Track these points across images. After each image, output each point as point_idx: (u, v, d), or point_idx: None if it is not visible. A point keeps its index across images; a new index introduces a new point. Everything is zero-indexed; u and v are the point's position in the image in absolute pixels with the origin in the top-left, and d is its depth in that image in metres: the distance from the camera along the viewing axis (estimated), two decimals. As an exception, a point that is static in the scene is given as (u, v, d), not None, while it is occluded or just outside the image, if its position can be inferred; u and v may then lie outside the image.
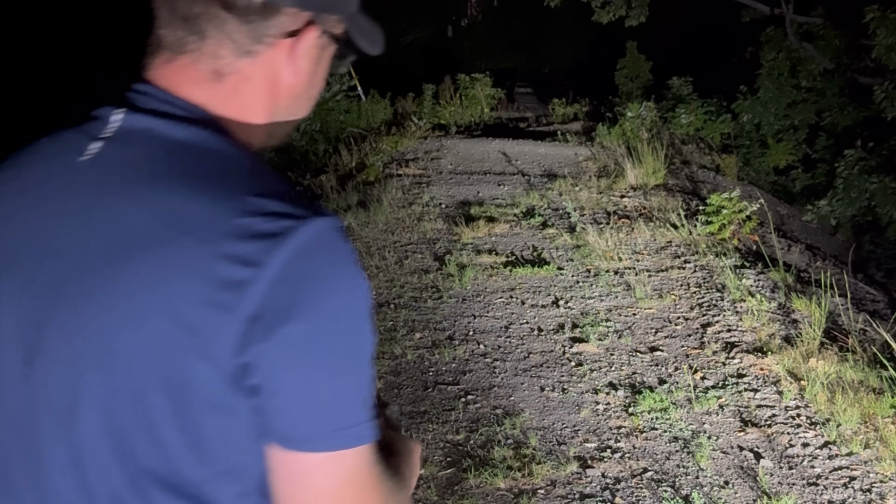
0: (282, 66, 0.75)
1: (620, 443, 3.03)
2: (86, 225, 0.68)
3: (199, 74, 0.73)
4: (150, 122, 0.72)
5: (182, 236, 0.65)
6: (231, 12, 0.70)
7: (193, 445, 0.66)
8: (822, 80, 10.73)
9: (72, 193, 0.70)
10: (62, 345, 0.67)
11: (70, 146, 0.73)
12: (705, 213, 5.57)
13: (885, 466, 2.77)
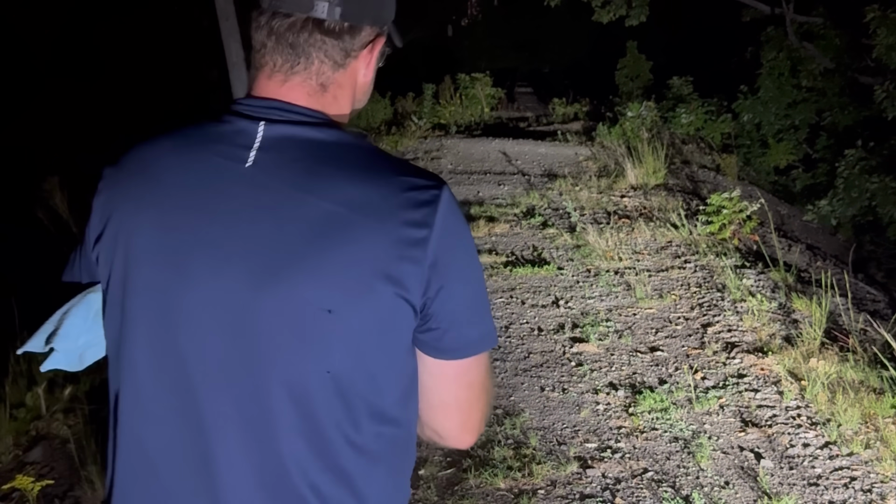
0: (360, 70, 0.97)
1: (621, 443, 3.03)
2: (279, 218, 0.86)
3: (310, 88, 0.93)
4: (288, 129, 0.90)
5: (368, 216, 0.85)
6: (329, 36, 0.92)
7: (398, 376, 0.90)
8: (823, 80, 10.72)
9: (251, 193, 0.87)
10: (278, 306, 0.84)
11: (230, 154, 0.89)
12: (706, 212, 5.56)
13: (885, 466, 2.76)
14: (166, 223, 0.89)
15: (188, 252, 0.87)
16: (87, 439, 2.98)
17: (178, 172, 0.90)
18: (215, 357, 0.87)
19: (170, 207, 0.89)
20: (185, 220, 0.88)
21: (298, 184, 0.87)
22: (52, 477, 2.95)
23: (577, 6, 11.77)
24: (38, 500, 2.70)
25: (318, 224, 0.85)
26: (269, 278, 0.85)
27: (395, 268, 0.85)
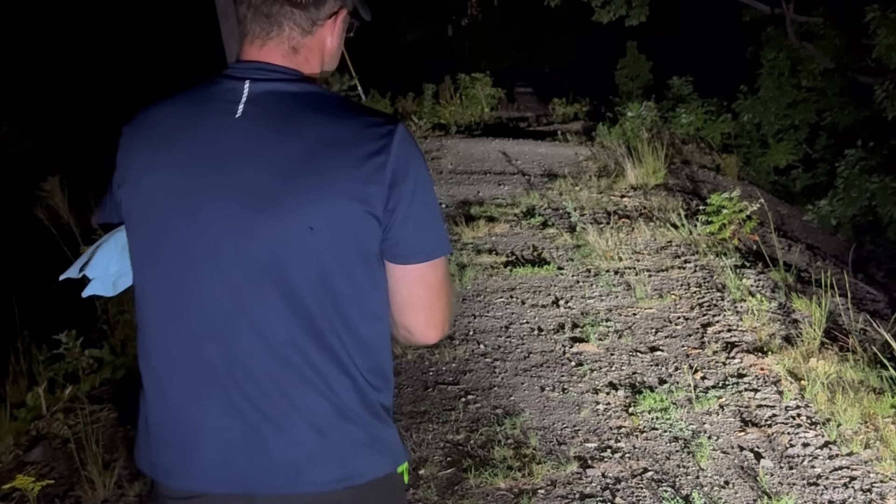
0: (327, 37, 1.17)
1: (621, 443, 3.03)
2: (266, 156, 1.06)
3: (284, 51, 1.14)
4: (268, 85, 1.11)
5: (338, 148, 1.07)
6: (297, 7, 1.12)
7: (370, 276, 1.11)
8: (823, 80, 10.73)
9: (242, 138, 1.08)
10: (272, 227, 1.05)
11: (222, 109, 1.10)
12: (705, 212, 5.56)
13: (885, 466, 2.76)
14: (175, 169, 1.10)
15: (194, 190, 1.08)
16: (87, 439, 2.98)
17: (181, 127, 1.12)
18: (222, 269, 1.07)
19: (177, 156, 1.10)
20: (190, 166, 1.09)
21: (279, 128, 1.08)
22: (53, 477, 2.95)
23: (577, 6, 11.77)
24: (39, 500, 2.70)
25: (298, 159, 1.07)
26: (262, 205, 1.06)
27: (361, 189, 1.06)
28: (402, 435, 3.14)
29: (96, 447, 2.93)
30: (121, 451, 3.13)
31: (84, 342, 3.72)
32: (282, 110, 1.10)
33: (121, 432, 3.28)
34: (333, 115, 1.11)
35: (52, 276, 4.63)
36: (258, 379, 1.09)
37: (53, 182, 3.69)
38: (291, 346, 1.08)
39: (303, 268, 1.07)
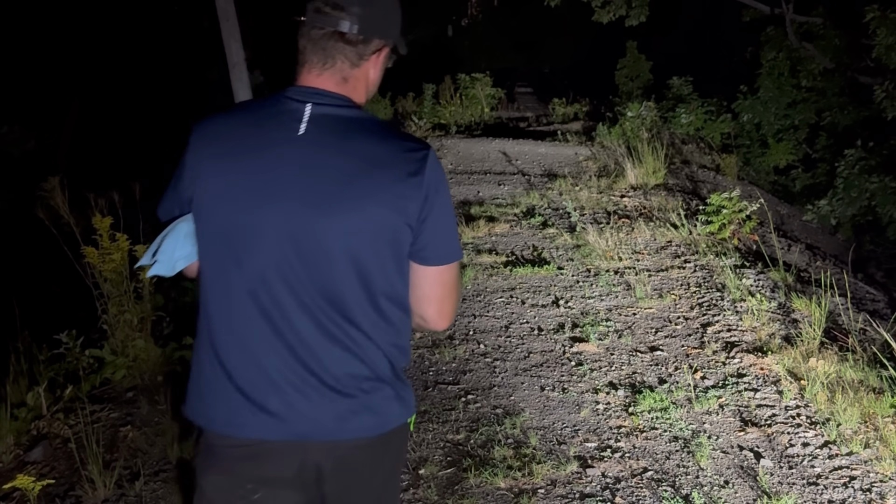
0: (370, 70, 1.40)
1: (620, 442, 3.03)
2: (322, 171, 1.30)
3: (337, 80, 1.37)
4: (326, 109, 1.34)
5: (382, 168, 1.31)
6: (348, 44, 1.35)
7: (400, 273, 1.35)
8: (823, 80, 10.72)
9: (303, 154, 1.31)
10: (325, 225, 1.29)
11: (287, 126, 1.32)
12: (705, 212, 5.57)
13: (885, 466, 2.77)
14: (244, 171, 1.31)
15: (261, 190, 1.30)
16: (87, 439, 2.98)
17: (250, 137, 1.33)
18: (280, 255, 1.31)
19: (247, 162, 1.32)
20: (258, 170, 1.31)
21: (334, 146, 1.32)
22: (53, 476, 2.95)
23: (577, 6, 11.77)
24: (39, 500, 2.70)
25: (349, 173, 1.30)
26: (317, 207, 1.29)
27: (399, 202, 1.31)
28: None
29: (97, 447, 2.93)
30: (121, 450, 3.13)
31: (84, 342, 3.72)
32: (336, 131, 1.33)
33: (121, 432, 3.28)
34: (378, 138, 1.35)
35: (52, 275, 4.64)
36: (309, 346, 1.34)
37: (54, 182, 3.69)
38: (334, 323, 1.34)
39: (346, 262, 1.31)
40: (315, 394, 1.35)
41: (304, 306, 1.33)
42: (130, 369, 3.78)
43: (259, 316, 1.34)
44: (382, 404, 1.40)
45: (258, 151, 1.32)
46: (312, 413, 1.35)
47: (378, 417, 1.39)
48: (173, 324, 4.17)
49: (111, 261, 3.67)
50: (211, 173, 1.33)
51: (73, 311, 4.19)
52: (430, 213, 1.34)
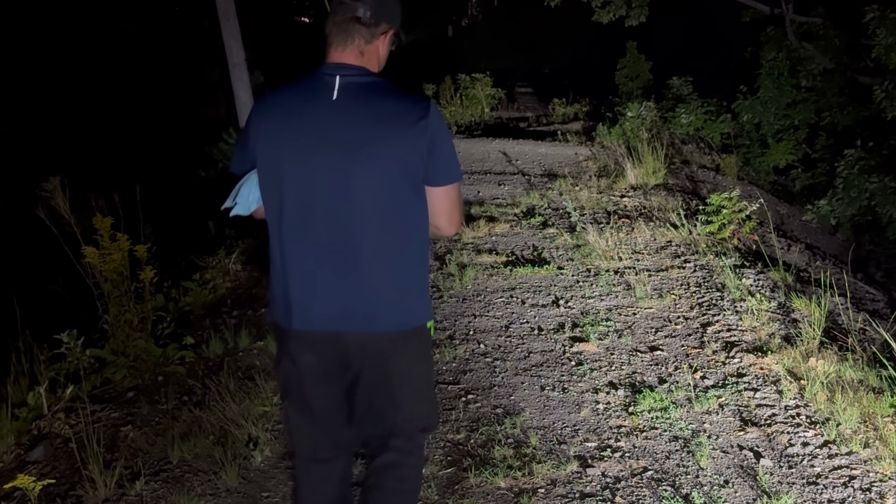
0: (380, 46, 1.85)
1: (620, 442, 3.04)
2: (353, 125, 1.74)
3: (356, 54, 1.81)
4: (350, 79, 1.78)
5: (396, 117, 1.75)
6: (363, 26, 1.79)
7: (416, 195, 1.78)
8: (822, 80, 10.72)
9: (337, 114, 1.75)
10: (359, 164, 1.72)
11: (322, 93, 1.78)
12: (705, 212, 5.57)
13: (884, 465, 2.77)
14: (296, 130, 1.77)
15: (308, 143, 1.76)
16: (88, 439, 2.99)
17: (297, 105, 1.79)
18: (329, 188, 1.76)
19: (294, 124, 1.77)
20: (303, 129, 1.77)
21: (359, 105, 1.77)
22: (54, 476, 2.96)
23: (577, 6, 11.77)
24: (40, 500, 2.71)
25: (371, 125, 1.75)
26: (352, 153, 1.74)
27: (412, 142, 1.76)
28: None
29: (97, 447, 2.94)
30: (122, 450, 3.13)
31: (85, 342, 3.72)
32: (359, 94, 1.78)
33: (122, 432, 3.28)
34: (391, 96, 1.79)
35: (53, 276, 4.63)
36: (346, 259, 1.78)
37: (54, 182, 3.70)
38: (365, 240, 1.77)
39: (375, 192, 1.76)
40: (351, 297, 1.80)
41: (343, 228, 1.77)
42: (131, 369, 3.78)
43: (310, 240, 1.79)
44: (405, 306, 1.84)
45: (303, 116, 1.78)
46: (349, 312, 1.81)
47: (400, 318, 1.84)
48: (174, 324, 4.18)
49: (112, 261, 3.67)
50: (269, 136, 1.79)
51: (74, 311, 4.19)
52: (435, 147, 1.78)
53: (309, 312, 1.82)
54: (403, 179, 1.77)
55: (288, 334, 1.88)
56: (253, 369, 3.76)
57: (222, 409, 3.30)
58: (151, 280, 3.86)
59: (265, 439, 3.13)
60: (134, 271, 3.79)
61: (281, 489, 2.83)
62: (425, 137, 1.75)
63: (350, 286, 1.79)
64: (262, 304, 4.67)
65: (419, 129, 1.75)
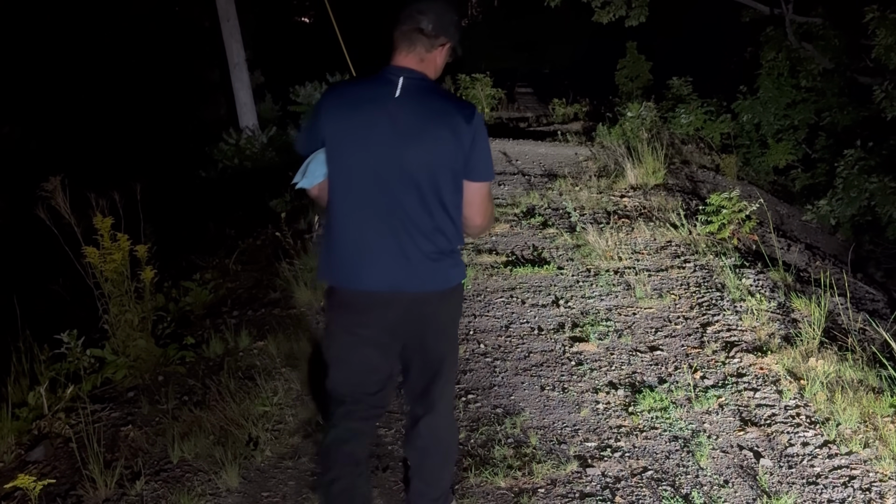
0: (437, 57, 2.13)
1: (620, 442, 3.04)
2: (410, 119, 2.03)
3: (416, 61, 2.10)
4: (411, 81, 2.07)
5: (446, 116, 2.04)
6: (425, 36, 2.09)
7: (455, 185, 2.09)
8: (822, 80, 10.72)
9: (398, 108, 2.03)
10: (411, 151, 2.02)
11: (388, 91, 2.05)
12: (705, 212, 5.57)
13: (884, 465, 2.77)
14: (361, 120, 2.04)
15: (371, 132, 2.03)
16: (88, 438, 2.99)
17: (364, 98, 2.06)
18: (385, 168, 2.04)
19: (362, 112, 2.05)
20: (369, 118, 2.03)
21: (416, 102, 2.05)
22: (54, 476, 2.96)
23: (577, 6, 11.78)
24: (40, 499, 2.71)
25: (426, 120, 2.04)
26: (407, 141, 2.02)
27: (458, 138, 2.04)
28: (404, 434, 3.16)
29: (98, 446, 2.94)
30: (122, 450, 3.14)
31: (85, 342, 3.73)
32: (418, 94, 2.07)
33: (122, 432, 3.28)
34: (444, 99, 2.10)
35: (53, 275, 4.62)
36: (398, 230, 2.07)
37: (55, 182, 3.70)
38: (415, 216, 2.07)
39: (423, 174, 2.04)
40: (403, 261, 2.09)
41: (397, 202, 2.06)
42: (131, 369, 3.78)
43: (369, 210, 2.07)
44: (447, 269, 2.14)
45: (370, 107, 2.05)
46: (402, 273, 2.09)
47: (444, 277, 2.15)
48: (174, 324, 4.18)
49: (112, 261, 3.67)
50: (340, 121, 2.07)
51: (74, 310, 4.20)
52: (475, 146, 2.08)
53: (367, 274, 2.10)
54: (446, 167, 2.07)
55: (345, 294, 2.14)
56: (253, 369, 3.76)
57: (223, 409, 3.30)
58: (152, 280, 3.86)
59: (265, 439, 3.13)
60: (134, 271, 3.80)
61: (281, 489, 2.83)
62: (468, 136, 2.05)
63: (402, 252, 2.08)
64: (263, 304, 4.67)
65: (463, 129, 2.05)
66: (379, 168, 2.04)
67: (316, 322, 4.31)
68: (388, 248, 2.07)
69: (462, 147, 2.05)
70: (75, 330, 3.68)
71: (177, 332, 4.14)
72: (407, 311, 2.13)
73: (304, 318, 4.40)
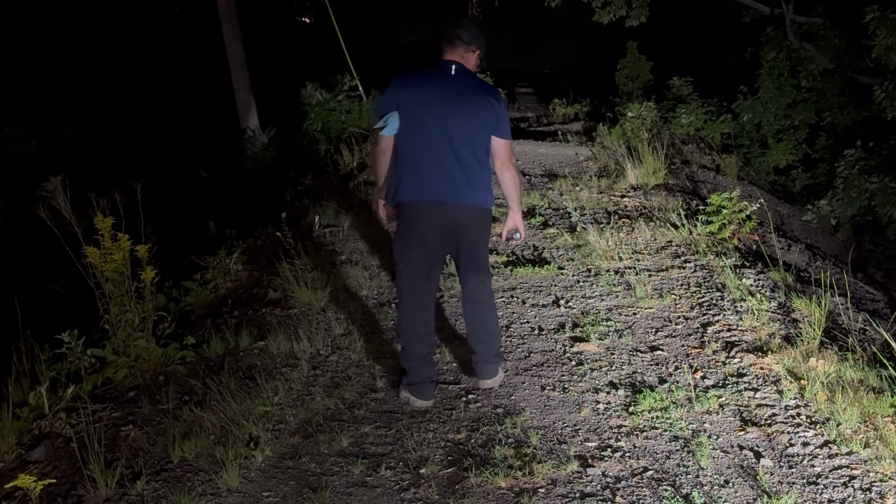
0: (471, 59, 3.32)
1: (621, 442, 3.04)
2: (459, 91, 3.20)
3: (459, 57, 3.28)
4: (460, 67, 3.26)
5: (482, 93, 3.22)
6: (463, 42, 3.28)
7: (486, 135, 3.23)
8: (822, 80, 10.73)
9: (451, 84, 3.21)
10: (459, 116, 3.15)
11: (445, 74, 3.23)
12: (705, 212, 5.57)
13: (884, 465, 2.77)
14: (428, 90, 3.18)
15: (433, 98, 3.15)
16: (89, 438, 2.99)
17: (427, 78, 3.23)
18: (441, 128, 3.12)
19: (429, 84, 3.20)
20: (433, 89, 3.18)
21: (464, 82, 3.22)
22: (55, 476, 2.96)
23: (578, 6, 11.78)
24: (41, 499, 2.71)
25: (470, 94, 3.19)
26: (458, 106, 3.14)
27: (488, 110, 3.18)
28: (404, 434, 3.16)
29: (98, 446, 2.94)
30: (123, 450, 3.14)
31: (86, 342, 3.73)
32: (465, 77, 3.21)
33: (123, 432, 3.29)
34: (480, 81, 3.25)
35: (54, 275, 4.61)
36: (452, 166, 3.13)
37: (55, 182, 3.70)
38: (464, 158, 3.13)
39: (470, 132, 3.12)
40: (455, 184, 3.14)
41: (451, 150, 3.12)
42: (132, 369, 3.79)
43: (431, 151, 3.12)
44: (484, 195, 3.22)
45: (433, 82, 3.18)
46: (450, 191, 3.15)
47: (483, 199, 3.23)
48: (174, 323, 4.18)
49: (113, 261, 3.67)
50: (410, 92, 3.17)
51: (75, 310, 4.20)
52: (500, 119, 3.20)
53: (431, 190, 3.15)
54: (481, 126, 3.16)
55: (415, 206, 3.18)
56: (254, 369, 3.76)
57: (223, 409, 3.31)
58: (152, 280, 3.87)
59: (266, 439, 3.13)
60: (135, 271, 3.80)
61: (282, 489, 2.83)
62: (498, 107, 3.19)
63: (454, 178, 3.14)
64: (263, 304, 4.67)
65: (493, 102, 3.18)
66: (438, 122, 3.11)
67: (316, 322, 4.31)
68: (446, 174, 3.13)
69: (493, 113, 3.16)
70: (76, 330, 3.68)
71: (177, 331, 4.14)
72: (461, 216, 3.19)
73: (304, 317, 4.40)
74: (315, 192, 7.36)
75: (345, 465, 2.96)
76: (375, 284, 4.90)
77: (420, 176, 3.14)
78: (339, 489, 2.81)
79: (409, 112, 3.14)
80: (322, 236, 5.90)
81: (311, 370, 3.78)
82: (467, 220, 3.21)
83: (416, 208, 3.17)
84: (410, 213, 3.19)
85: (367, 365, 3.81)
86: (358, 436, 3.17)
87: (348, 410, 3.39)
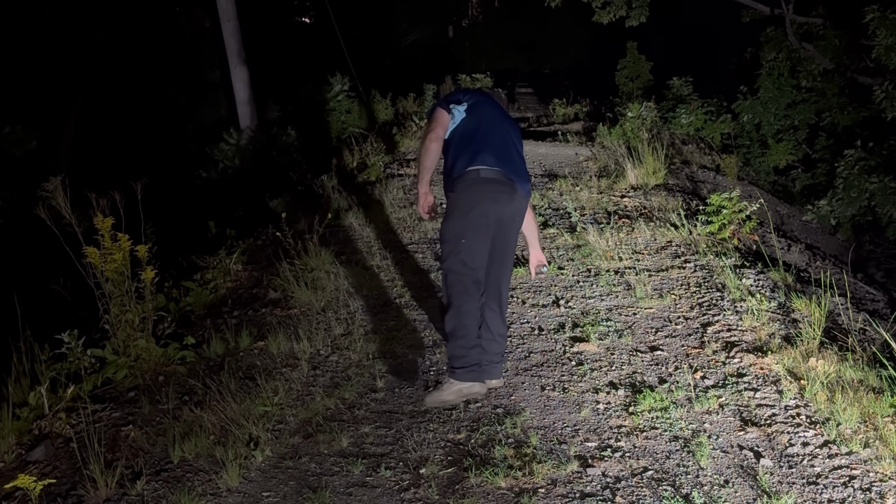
0: None
1: (621, 442, 3.04)
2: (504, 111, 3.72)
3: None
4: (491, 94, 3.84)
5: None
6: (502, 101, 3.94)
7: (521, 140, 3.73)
8: (822, 80, 10.73)
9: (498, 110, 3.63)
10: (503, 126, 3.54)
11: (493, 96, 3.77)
12: (705, 212, 5.57)
13: (884, 465, 2.77)
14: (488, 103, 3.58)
15: (495, 110, 3.57)
16: (89, 438, 2.99)
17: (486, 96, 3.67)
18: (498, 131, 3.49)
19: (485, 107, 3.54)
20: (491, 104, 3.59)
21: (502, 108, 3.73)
22: (55, 476, 2.96)
23: (578, 6, 11.78)
24: (41, 499, 2.71)
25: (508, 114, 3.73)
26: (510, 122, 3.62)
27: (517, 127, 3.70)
28: (404, 434, 3.16)
29: (98, 446, 2.94)
30: (123, 450, 3.14)
31: (86, 342, 3.73)
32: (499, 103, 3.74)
33: (123, 432, 3.29)
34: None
35: (53, 275, 4.61)
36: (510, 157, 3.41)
37: (56, 182, 3.70)
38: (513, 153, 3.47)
39: (513, 135, 3.56)
40: (514, 168, 3.38)
41: (514, 144, 3.49)
42: (132, 369, 3.79)
43: (502, 138, 3.44)
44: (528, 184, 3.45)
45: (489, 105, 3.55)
46: (518, 174, 3.39)
47: (527, 188, 3.43)
48: (174, 324, 4.18)
49: (113, 261, 3.67)
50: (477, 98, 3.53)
51: (75, 310, 4.19)
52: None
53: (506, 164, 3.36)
54: (518, 132, 3.61)
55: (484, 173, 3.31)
56: (254, 369, 3.76)
57: (223, 409, 3.31)
58: (152, 280, 3.87)
59: (266, 439, 3.13)
60: (135, 271, 3.80)
61: (282, 489, 2.84)
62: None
63: (517, 162, 3.44)
64: (263, 304, 4.67)
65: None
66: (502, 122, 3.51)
67: (316, 322, 4.31)
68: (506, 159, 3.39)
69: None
70: (76, 330, 3.68)
71: (177, 332, 4.14)
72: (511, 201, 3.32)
73: (304, 317, 4.40)
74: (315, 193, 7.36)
75: (345, 465, 2.96)
76: (376, 284, 4.90)
77: (495, 151, 3.36)
78: (339, 489, 2.81)
79: (477, 111, 3.47)
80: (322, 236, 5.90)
81: (311, 370, 3.78)
82: (518, 210, 3.38)
83: (490, 174, 3.30)
84: (482, 180, 3.28)
85: (367, 365, 3.81)
86: (358, 436, 3.17)
87: (348, 410, 3.39)
